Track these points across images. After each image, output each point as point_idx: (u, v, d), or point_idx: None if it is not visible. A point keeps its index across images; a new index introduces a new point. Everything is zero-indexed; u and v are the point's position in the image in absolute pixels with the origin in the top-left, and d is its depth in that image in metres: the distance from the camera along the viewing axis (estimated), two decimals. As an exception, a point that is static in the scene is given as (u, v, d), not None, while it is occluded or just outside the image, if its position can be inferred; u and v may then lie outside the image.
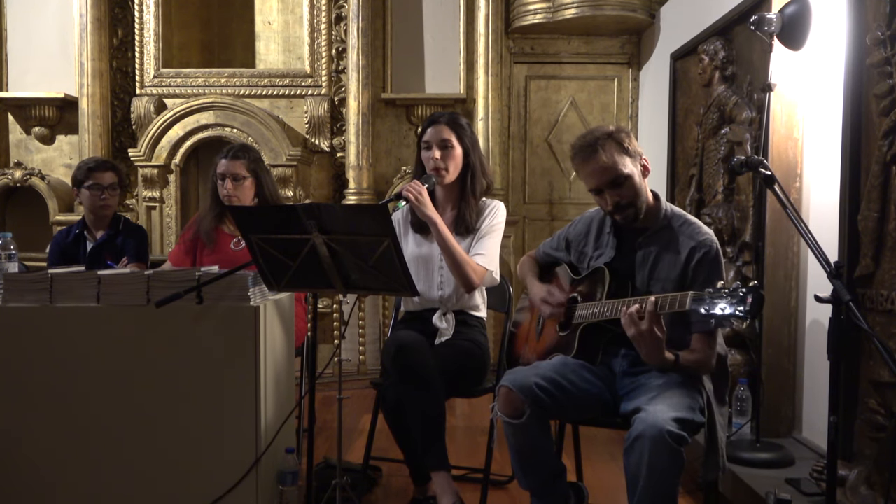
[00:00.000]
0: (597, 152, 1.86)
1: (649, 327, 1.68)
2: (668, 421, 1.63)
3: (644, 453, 1.63)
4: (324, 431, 3.23)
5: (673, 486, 1.66)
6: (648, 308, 1.68)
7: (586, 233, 2.12)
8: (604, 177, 1.87)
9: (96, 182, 2.94)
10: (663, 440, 1.60)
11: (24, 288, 2.03)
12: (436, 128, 2.37)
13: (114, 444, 2.01)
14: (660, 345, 1.71)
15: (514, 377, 1.86)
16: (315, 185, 4.73)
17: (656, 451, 1.61)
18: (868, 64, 2.18)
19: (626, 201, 1.89)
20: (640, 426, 1.66)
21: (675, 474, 1.65)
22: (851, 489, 2.03)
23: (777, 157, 2.63)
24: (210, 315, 1.99)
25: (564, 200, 4.91)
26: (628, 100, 4.84)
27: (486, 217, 2.42)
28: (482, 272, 2.35)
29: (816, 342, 2.57)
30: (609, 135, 1.87)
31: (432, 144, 2.36)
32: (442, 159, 2.34)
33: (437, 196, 2.46)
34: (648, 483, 1.64)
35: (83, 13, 4.51)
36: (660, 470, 1.62)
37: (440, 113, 2.45)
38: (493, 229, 2.41)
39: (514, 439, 1.87)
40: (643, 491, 1.65)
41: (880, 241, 2.12)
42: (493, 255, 2.39)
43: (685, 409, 1.70)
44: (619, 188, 1.87)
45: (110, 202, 2.99)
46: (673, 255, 1.90)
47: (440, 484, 2.14)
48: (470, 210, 2.40)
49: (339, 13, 4.69)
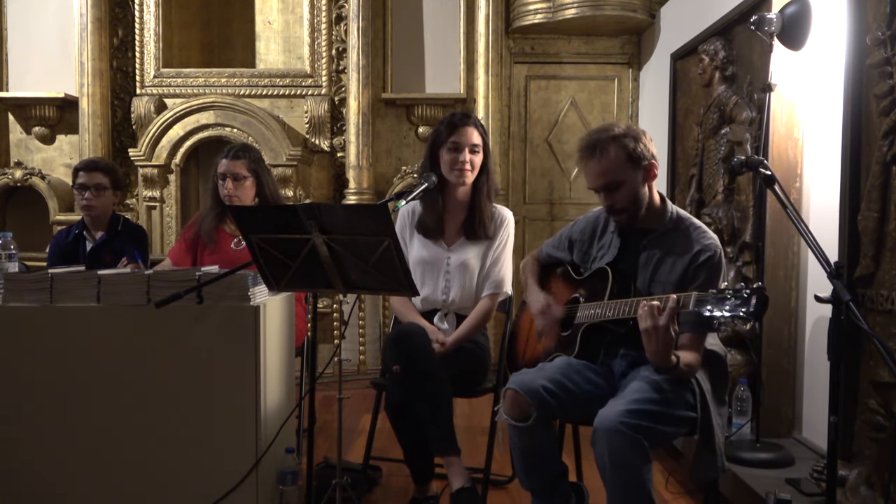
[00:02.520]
0: (595, 155, 1.87)
1: (667, 323, 1.66)
2: (623, 411, 1.65)
3: (604, 445, 1.64)
4: (324, 431, 3.23)
5: (640, 475, 1.65)
6: (670, 304, 1.66)
7: (591, 232, 2.11)
8: (599, 180, 1.89)
9: (82, 182, 2.93)
10: (617, 430, 1.62)
11: (25, 288, 2.03)
12: (467, 130, 2.37)
13: (114, 444, 2.01)
14: (671, 344, 1.69)
15: (520, 379, 1.85)
16: (315, 184, 4.73)
17: (613, 441, 1.63)
18: (868, 64, 2.18)
19: (620, 206, 1.90)
20: (597, 420, 1.69)
21: (640, 463, 1.65)
22: (851, 489, 2.03)
23: (777, 157, 2.63)
24: (210, 315, 1.99)
25: (564, 200, 4.91)
26: (628, 100, 4.84)
27: (500, 230, 2.46)
28: (494, 304, 2.46)
29: (816, 342, 2.57)
30: (615, 138, 1.86)
31: (463, 147, 2.36)
32: (470, 162, 2.37)
33: (451, 199, 2.45)
34: (615, 475, 1.65)
35: (83, 13, 4.50)
36: (622, 460, 1.63)
37: (464, 114, 2.44)
38: (506, 247, 2.47)
39: (518, 441, 1.86)
40: (612, 484, 1.66)
41: (880, 242, 2.12)
42: (509, 274, 2.48)
43: (650, 401, 1.70)
44: (613, 193, 1.88)
45: (94, 203, 2.93)
46: (676, 258, 1.90)
47: (452, 467, 2.16)
48: (484, 213, 2.43)
49: (339, 13, 4.69)
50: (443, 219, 2.45)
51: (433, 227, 2.44)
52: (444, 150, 2.38)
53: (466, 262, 2.41)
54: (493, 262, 2.44)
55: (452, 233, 2.47)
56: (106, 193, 2.96)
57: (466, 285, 2.43)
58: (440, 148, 2.39)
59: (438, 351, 2.28)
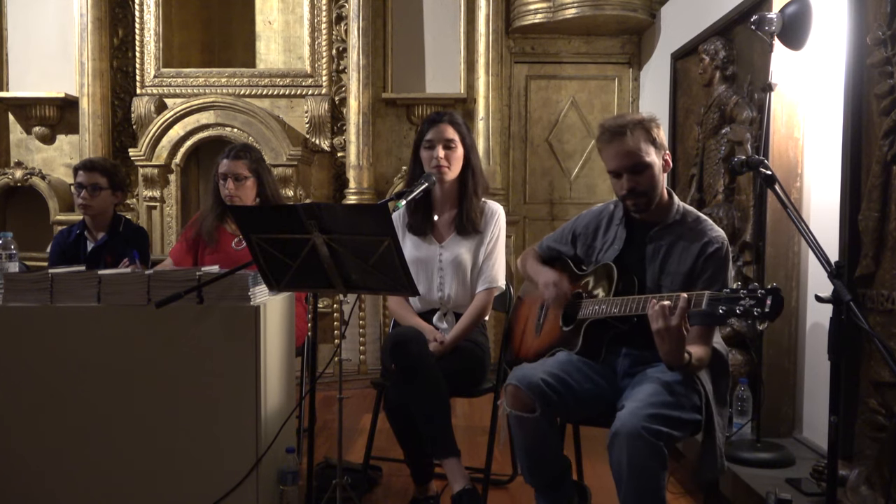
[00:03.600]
0: (624, 136, 1.86)
1: (679, 323, 1.64)
2: (645, 416, 1.63)
3: (623, 450, 1.63)
4: (324, 431, 3.23)
5: (656, 481, 1.65)
6: (681, 304, 1.64)
7: (596, 226, 2.10)
8: (626, 161, 1.87)
9: (80, 181, 2.93)
10: (639, 436, 1.60)
11: (25, 288, 2.03)
12: (439, 127, 2.38)
13: (114, 445, 2.01)
14: (683, 343, 1.68)
15: (520, 374, 1.85)
16: (315, 184, 4.73)
17: (634, 447, 1.61)
18: (868, 64, 2.18)
19: (642, 189, 1.89)
20: (617, 423, 1.67)
21: (657, 469, 1.64)
22: (852, 489, 2.03)
23: (777, 156, 2.63)
24: (210, 315, 1.99)
25: (565, 200, 4.91)
26: (629, 100, 4.84)
27: (491, 225, 2.46)
28: (490, 299, 2.45)
29: (817, 342, 2.57)
30: (640, 122, 1.88)
31: (436, 143, 2.37)
32: (446, 158, 2.36)
33: (437, 196, 2.47)
34: (631, 479, 1.64)
35: (83, 13, 4.50)
36: (640, 466, 1.62)
37: (440, 112, 2.46)
38: (498, 241, 2.46)
39: (522, 436, 1.85)
40: (627, 488, 1.65)
41: (881, 241, 2.12)
42: (502, 269, 2.46)
43: (667, 405, 1.69)
44: (638, 175, 1.87)
45: (91, 202, 2.92)
46: (685, 250, 1.90)
47: (451, 469, 2.15)
48: (473, 209, 2.43)
49: (339, 13, 4.69)
50: (431, 216, 2.46)
51: (421, 225, 2.45)
52: (422, 148, 2.41)
53: (459, 258, 2.42)
54: (486, 257, 2.44)
55: (443, 230, 2.47)
56: (102, 194, 2.94)
57: (460, 281, 2.43)
58: (420, 148, 2.42)
59: (437, 350, 2.28)
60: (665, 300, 1.68)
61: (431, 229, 2.46)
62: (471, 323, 2.40)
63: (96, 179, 2.93)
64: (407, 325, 2.37)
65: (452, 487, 2.14)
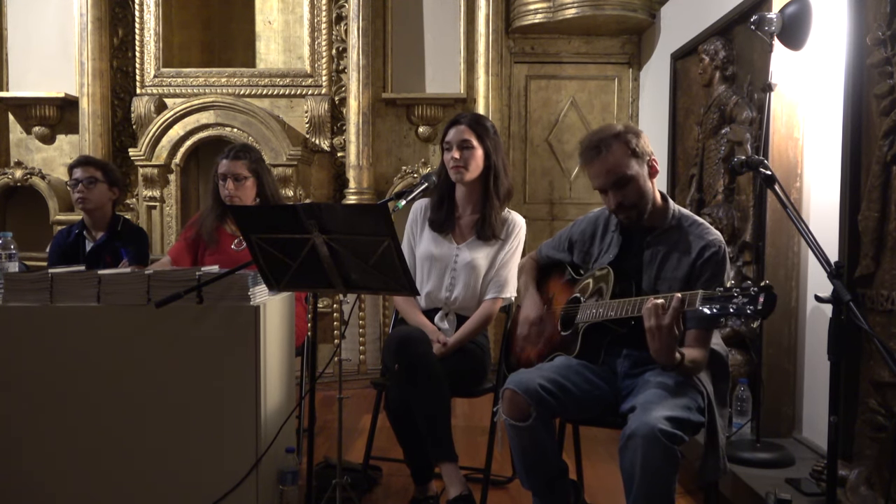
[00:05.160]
0: (601, 153, 1.87)
1: (671, 322, 1.65)
2: (661, 419, 1.62)
3: (637, 452, 1.62)
4: (324, 431, 3.23)
5: (668, 484, 1.65)
6: (674, 304, 1.65)
7: (591, 232, 2.11)
8: (608, 177, 1.88)
9: (75, 177, 2.94)
10: (656, 438, 1.60)
11: (25, 287, 2.03)
12: (457, 128, 2.40)
13: (114, 445, 2.01)
14: (674, 342, 1.69)
15: (518, 379, 1.85)
16: (315, 184, 4.72)
17: (649, 449, 1.61)
18: (868, 64, 2.17)
19: (629, 202, 1.89)
20: (633, 424, 1.66)
21: (670, 473, 1.64)
22: (851, 489, 2.03)
23: (777, 157, 2.63)
24: (210, 315, 1.99)
25: (565, 200, 4.91)
26: (629, 100, 4.84)
27: (512, 236, 2.46)
28: (496, 308, 2.46)
29: (816, 342, 2.57)
30: (616, 135, 1.87)
31: (453, 145, 2.38)
32: (462, 158, 2.37)
33: (458, 197, 2.48)
34: (643, 482, 1.63)
35: (83, 13, 4.50)
36: (654, 468, 1.62)
37: (463, 114, 2.48)
38: (515, 253, 2.47)
39: (518, 441, 1.86)
40: (639, 490, 1.65)
41: (881, 241, 2.11)
42: (514, 280, 2.46)
43: (680, 407, 1.70)
44: (622, 189, 1.88)
45: (87, 195, 2.92)
46: (682, 254, 1.90)
47: (448, 474, 2.16)
48: (495, 213, 2.43)
49: (339, 13, 4.69)
50: (454, 215, 2.47)
51: (443, 222, 2.46)
52: (444, 150, 2.43)
53: (474, 262, 2.42)
54: (500, 266, 2.44)
55: (464, 232, 2.48)
56: (99, 186, 2.94)
57: (471, 285, 2.43)
58: (443, 149, 2.45)
59: (439, 352, 2.28)
60: (660, 299, 1.69)
61: (452, 228, 2.47)
62: (475, 328, 2.41)
63: (91, 173, 2.94)
64: (410, 324, 2.38)
65: (448, 493, 2.14)
